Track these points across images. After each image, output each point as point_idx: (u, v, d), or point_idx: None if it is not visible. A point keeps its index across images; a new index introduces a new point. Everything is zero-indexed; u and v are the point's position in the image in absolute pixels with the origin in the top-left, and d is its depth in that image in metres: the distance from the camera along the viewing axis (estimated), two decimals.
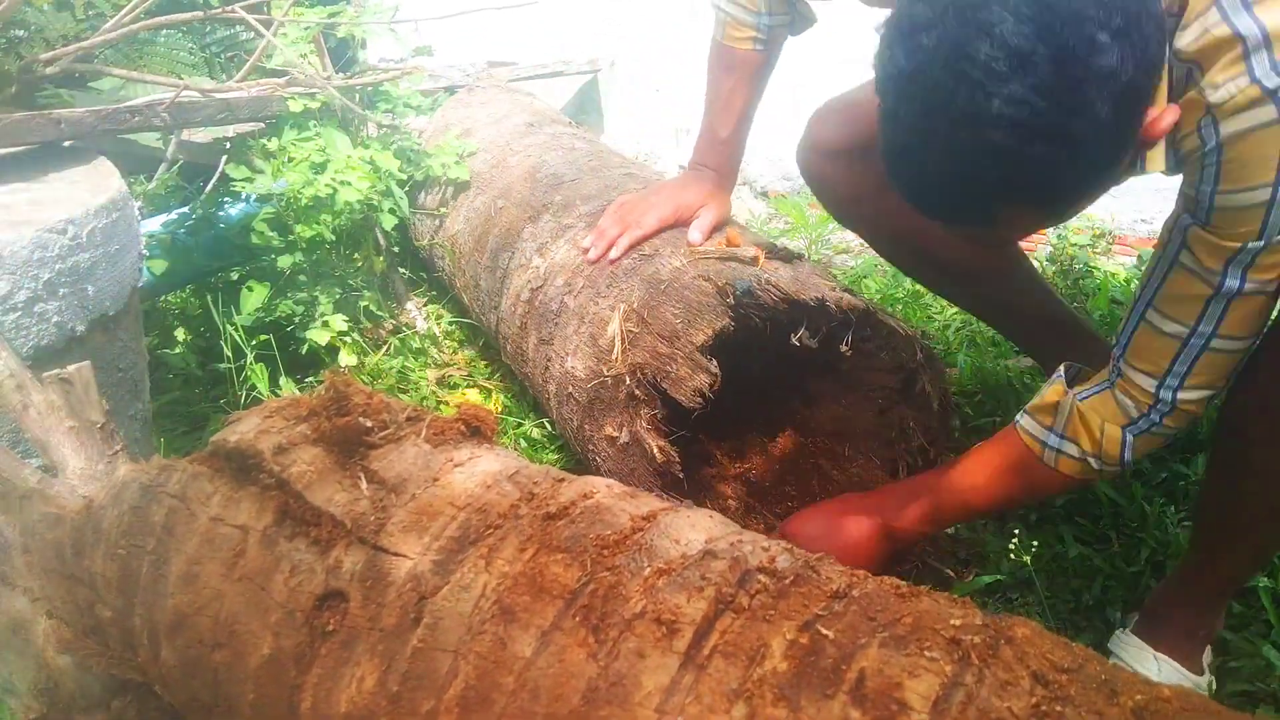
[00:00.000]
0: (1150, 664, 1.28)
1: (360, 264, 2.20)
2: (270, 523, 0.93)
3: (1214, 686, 1.31)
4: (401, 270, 2.41)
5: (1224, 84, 0.93)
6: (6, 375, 1.17)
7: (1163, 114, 0.92)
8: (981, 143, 0.86)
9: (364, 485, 0.91)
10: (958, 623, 0.70)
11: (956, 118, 0.86)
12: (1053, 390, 1.23)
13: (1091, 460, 1.19)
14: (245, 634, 0.90)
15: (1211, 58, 0.93)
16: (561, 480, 0.92)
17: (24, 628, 1.11)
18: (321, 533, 0.89)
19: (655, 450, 1.31)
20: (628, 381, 1.35)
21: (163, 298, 2.33)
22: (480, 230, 1.97)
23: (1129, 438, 1.17)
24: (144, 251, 1.61)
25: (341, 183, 1.97)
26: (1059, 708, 0.64)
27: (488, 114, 2.41)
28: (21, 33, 2.08)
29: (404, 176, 2.21)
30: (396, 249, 2.39)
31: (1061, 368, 1.26)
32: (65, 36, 2.11)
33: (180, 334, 2.12)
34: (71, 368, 1.20)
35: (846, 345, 1.39)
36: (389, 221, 2.15)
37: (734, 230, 1.55)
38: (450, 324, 2.31)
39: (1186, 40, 0.95)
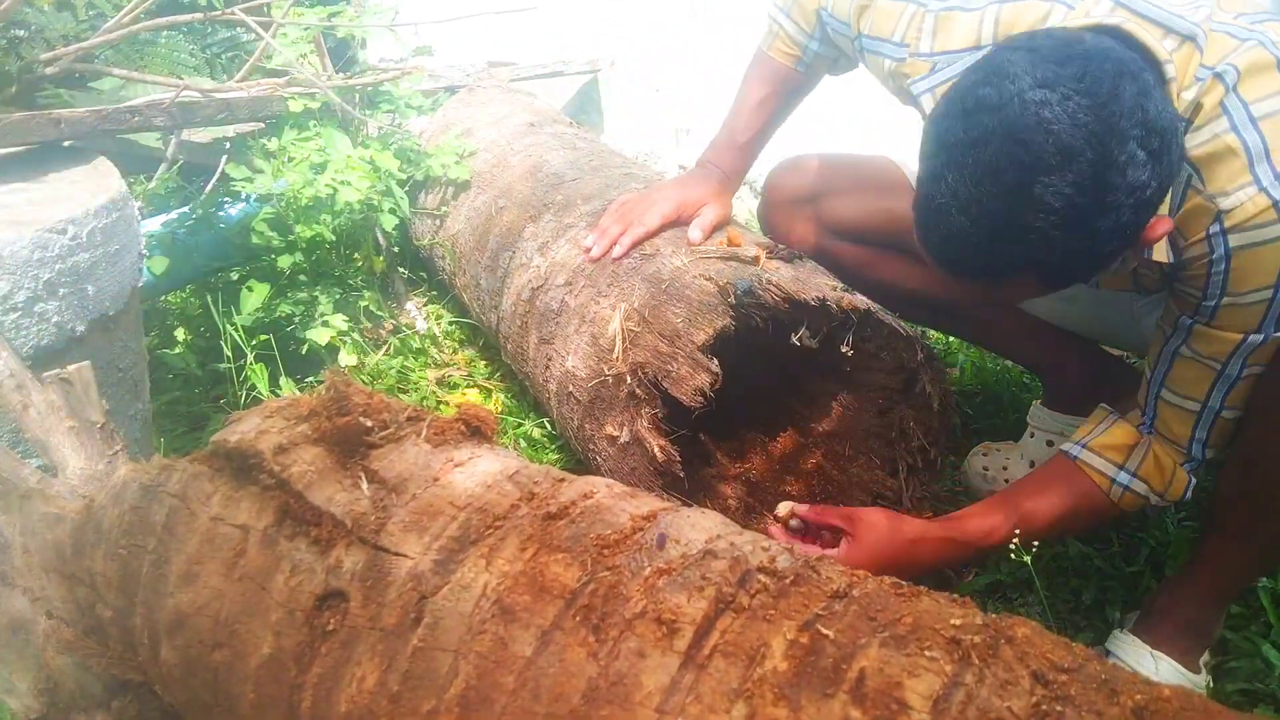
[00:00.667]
0: (1147, 662, 1.29)
1: (360, 264, 2.20)
2: (271, 522, 0.93)
3: (1210, 686, 1.31)
4: (401, 270, 2.41)
5: (1234, 191, 1.02)
6: (6, 375, 1.17)
7: (1157, 223, 1.02)
8: (1017, 219, 0.96)
9: (364, 485, 0.91)
10: (958, 622, 0.70)
11: (1000, 193, 0.95)
12: (1122, 431, 1.29)
13: (1154, 498, 1.27)
14: (245, 633, 0.90)
15: (1215, 165, 1.03)
16: (562, 480, 0.92)
17: (24, 628, 1.11)
18: (322, 532, 0.89)
19: (656, 449, 1.31)
20: (629, 380, 1.35)
21: (163, 298, 2.33)
22: (481, 230, 1.97)
23: (1192, 480, 1.27)
24: (144, 251, 1.61)
25: (341, 183, 1.97)
26: (1059, 707, 0.64)
27: (489, 114, 2.41)
28: (22, 33, 2.08)
29: (404, 176, 2.21)
30: (396, 249, 2.39)
31: (1102, 407, 1.35)
32: (66, 36, 2.11)
33: (180, 334, 2.12)
34: (71, 368, 1.20)
35: (847, 345, 1.39)
36: (389, 222, 2.15)
37: (735, 230, 1.55)
38: (450, 324, 2.31)
39: (1196, 143, 1.04)
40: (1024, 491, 1.32)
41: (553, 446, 1.86)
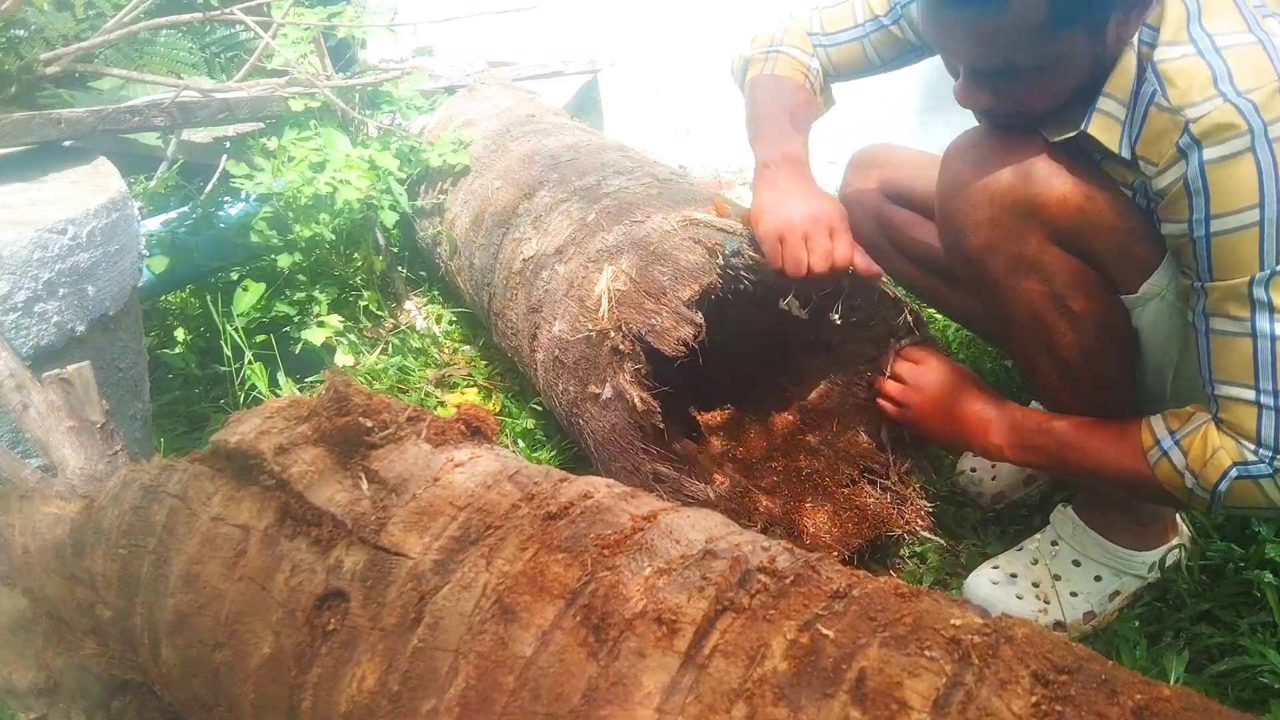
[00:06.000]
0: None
1: (360, 263, 2.20)
2: (271, 522, 0.93)
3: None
4: (401, 269, 2.41)
5: (1201, 103, 1.05)
6: (6, 375, 1.17)
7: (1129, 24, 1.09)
8: None
9: (365, 485, 0.91)
10: (958, 623, 0.70)
11: None
12: (1196, 406, 1.22)
13: (1188, 476, 1.18)
14: (246, 633, 0.90)
15: (1183, 78, 1.07)
16: (562, 480, 0.92)
17: (24, 628, 1.11)
18: (322, 532, 0.89)
19: (636, 400, 1.31)
20: (613, 335, 1.35)
21: (163, 298, 2.33)
22: (477, 210, 1.97)
23: (1233, 471, 1.15)
24: (144, 251, 1.61)
25: (342, 181, 1.97)
26: (1059, 708, 0.64)
27: (490, 107, 2.41)
28: (21, 33, 2.08)
29: (404, 175, 2.21)
30: (396, 248, 2.39)
31: None
32: (65, 36, 2.11)
33: (180, 334, 2.12)
34: (71, 368, 1.20)
35: (836, 313, 1.39)
36: (389, 219, 2.14)
37: (721, 201, 1.55)
38: (450, 323, 2.31)
39: (1170, 56, 1.08)
40: (1084, 424, 1.29)
41: (550, 443, 1.86)
